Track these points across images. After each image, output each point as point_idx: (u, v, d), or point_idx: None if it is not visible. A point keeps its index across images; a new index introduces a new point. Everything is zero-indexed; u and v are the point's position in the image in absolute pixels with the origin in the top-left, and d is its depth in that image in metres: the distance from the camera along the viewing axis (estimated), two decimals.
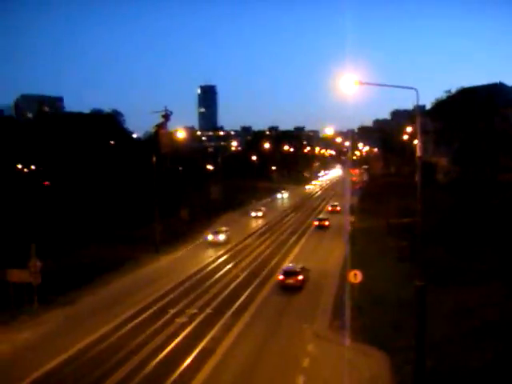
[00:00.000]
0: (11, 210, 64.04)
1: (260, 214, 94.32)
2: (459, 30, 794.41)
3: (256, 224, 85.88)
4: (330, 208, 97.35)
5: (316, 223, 78.28)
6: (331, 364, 26.53)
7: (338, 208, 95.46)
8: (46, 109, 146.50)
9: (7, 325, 33.49)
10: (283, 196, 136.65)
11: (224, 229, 68.19)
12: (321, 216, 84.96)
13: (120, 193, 76.64)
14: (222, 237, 65.56)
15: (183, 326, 32.73)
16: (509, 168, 71.53)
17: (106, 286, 43.84)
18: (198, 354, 28.08)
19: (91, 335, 31.11)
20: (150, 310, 36.65)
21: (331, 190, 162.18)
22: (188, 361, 27.08)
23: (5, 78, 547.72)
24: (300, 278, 43.07)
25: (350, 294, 35.10)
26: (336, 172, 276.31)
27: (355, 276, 33.70)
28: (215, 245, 63.75)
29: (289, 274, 43.60)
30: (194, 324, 33.30)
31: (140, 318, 34.69)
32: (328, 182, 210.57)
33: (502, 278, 36.17)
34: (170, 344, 29.54)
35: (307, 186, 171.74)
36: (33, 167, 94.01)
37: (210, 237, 65.42)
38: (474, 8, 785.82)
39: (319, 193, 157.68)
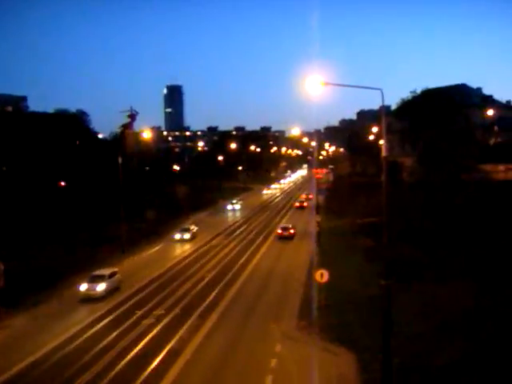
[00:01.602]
0: None
1: (187, 236, 68.12)
2: (426, 32, 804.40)
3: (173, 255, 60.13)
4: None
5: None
6: (298, 364, 26.58)
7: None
8: (9, 108, 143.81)
9: None
10: (234, 208, 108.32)
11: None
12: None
13: (85, 193, 75.72)
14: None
15: (150, 328, 32.52)
16: (470, 167, 72.65)
17: (70, 288, 43.16)
18: (166, 355, 27.94)
19: (57, 338, 30.71)
20: (117, 311, 36.38)
21: (293, 194, 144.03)
22: (156, 362, 26.91)
23: None
24: (292, 231, 67.41)
25: (317, 293, 35.22)
26: (302, 172, 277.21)
27: (322, 275, 33.78)
28: (181, 244, 64.55)
29: (284, 229, 68.12)
30: (161, 325, 33.12)
31: (106, 320, 34.40)
32: (292, 184, 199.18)
33: (468, 275, 36.72)
34: (136, 345, 29.30)
35: (265, 191, 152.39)
36: None
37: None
38: (442, 8, 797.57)
39: (279, 198, 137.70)
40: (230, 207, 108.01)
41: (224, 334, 31.28)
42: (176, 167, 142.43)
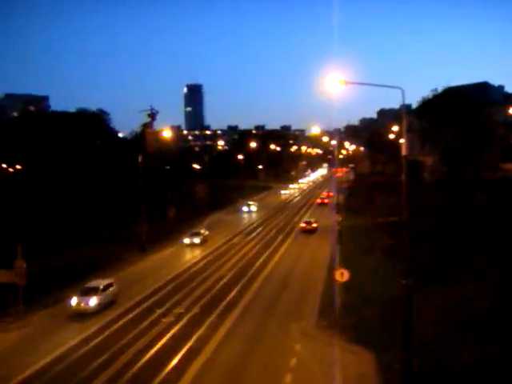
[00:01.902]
0: None
1: (197, 240, 64.60)
2: (448, 30, 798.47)
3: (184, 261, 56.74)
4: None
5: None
6: (318, 363, 26.49)
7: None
8: (32, 108, 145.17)
9: None
10: (251, 209, 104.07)
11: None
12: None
13: (106, 192, 76.23)
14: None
15: (170, 326, 32.59)
16: (492, 166, 71.99)
17: None
18: (185, 353, 27.97)
19: (77, 336, 30.92)
20: (137, 310, 36.54)
21: (312, 195, 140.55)
22: (175, 361, 26.96)
23: None
24: (314, 225, 72.99)
25: (337, 292, 35.06)
26: (322, 171, 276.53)
27: (342, 274, 33.60)
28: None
29: (307, 222, 73.81)
30: (180, 323, 33.18)
31: (125, 319, 34.54)
32: (311, 183, 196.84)
33: (489, 276, 36.31)
34: (156, 344, 29.38)
35: (283, 191, 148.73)
36: (18, 167, 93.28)
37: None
38: (463, 7, 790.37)
39: (297, 198, 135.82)
40: (245, 209, 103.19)
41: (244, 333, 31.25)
42: (196, 166, 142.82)
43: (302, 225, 74.44)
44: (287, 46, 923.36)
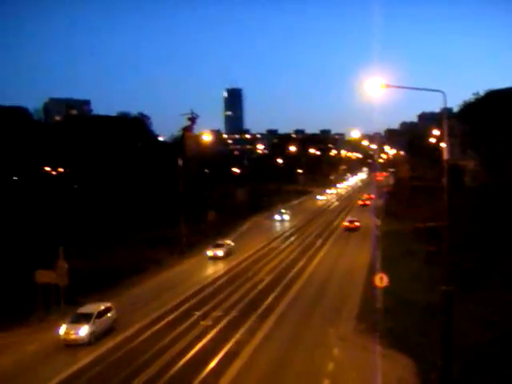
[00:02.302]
0: (40, 212, 64.79)
1: (220, 253, 58.61)
2: (490, 33, 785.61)
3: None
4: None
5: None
6: (355, 368, 26.34)
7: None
8: (74, 112, 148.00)
9: (36, 325, 33.94)
10: (283, 218, 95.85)
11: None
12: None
13: (147, 195, 77.12)
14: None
15: (208, 329, 32.79)
16: None
17: (131, 288, 44.23)
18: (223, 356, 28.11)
19: (118, 336, 31.34)
20: (175, 313, 36.87)
21: (350, 202, 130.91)
22: (213, 363, 27.12)
23: (34, 81, 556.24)
24: (357, 224, 77.75)
25: (376, 297, 34.77)
26: (362, 175, 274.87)
27: (381, 279, 33.34)
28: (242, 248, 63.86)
29: (351, 221, 79.17)
30: (218, 327, 33.34)
31: (165, 321, 34.87)
32: (349, 188, 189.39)
33: None
34: (195, 346, 29.59)
35: (319, 197, 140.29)
36: (61, 170, 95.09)
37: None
38: (504, 9, 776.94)
39: (335, 204, 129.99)
40: (278, 217, 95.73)
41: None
42: (235, 170, 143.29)
43: (346, 223, 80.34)
44: (327, 50, 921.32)
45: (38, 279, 36.39)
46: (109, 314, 33.32)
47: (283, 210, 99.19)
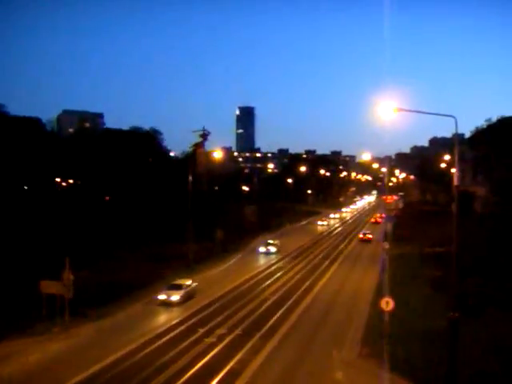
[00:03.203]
0: (49, 222, 65.00)
1: (175, 297, 43.75)
2: (503, 59, 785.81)
3: None
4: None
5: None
6: None
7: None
8: (87, 124, 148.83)
9: (40, 336, 33.87)
10: (269, 250, 76.56)
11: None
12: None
13: (156, 211, 77.23)
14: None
15: (211, 346, 32.59)
16: None
17: (136, 302, 43.98)
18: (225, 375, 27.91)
19: (120, 350, 31.22)
20: (180, 328, 36.74)
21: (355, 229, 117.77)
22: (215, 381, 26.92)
23: (48, 93, 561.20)
24: (370, 236, 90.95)
25: (382, 321, 34.52)
26: (370, 198, 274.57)
27: (387, 303, 33.16)
28: (250, 264, 63.95)
29: (364, 234, 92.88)
30: (222, 344, 33.14)
31: (168, 337, 34.73)
32: (356, 212, 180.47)
33: None
34: (197, 363, 29.41)
35: (320, 222, 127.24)
36: (71, 181, 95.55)
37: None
38: None
39: (339, 230, 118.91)
40: (262, 249, 76.72)
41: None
42: (245, 188, 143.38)
43: (360, 236, 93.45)
44: (340, 72, 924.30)
45: (43, 290, 36.35)
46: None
47: (270, 241, 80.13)
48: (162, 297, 43.66)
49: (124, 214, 74.63)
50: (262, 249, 76.84)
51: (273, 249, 76.65)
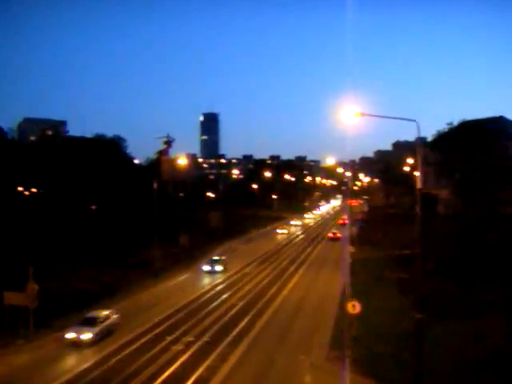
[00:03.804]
0: (10, 232, 63.84)
1: (86, 336, 34.51)
2: (463, 63, 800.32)
3: None
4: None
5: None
6: None
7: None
8: (49, 132, 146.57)
9: (4, 348, 33.24)
10: (214, 269, 64.78)
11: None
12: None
13: (120, 218, 76.55)
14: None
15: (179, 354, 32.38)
16: (509, 201, 71.30)
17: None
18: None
19: (88, 361, 30.82)
20: (147, 337, 36.40)
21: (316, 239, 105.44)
22: None
23: (8, 100, 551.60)
24: (339, 235, 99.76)
25: (348, 324, 34.72)
26: (335, 202, 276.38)
27: (353, 307, 33.38)
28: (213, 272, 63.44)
29: (334, 233, 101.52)
30: (190, 352, 32.94)
31: (136, 345, 34.40)
32: (319, 218, 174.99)
33: (503, 310, 35.92)
34: (165, 371, 29.19)
35: (279, 230, 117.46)
36: (34, 190, 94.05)
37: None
38: (480, 40, 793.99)
39: (297, 240, 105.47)
40: (207, 268, 65.04)
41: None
42: (210, 194, 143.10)
43: (330, 235, 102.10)
44: (303, 77, 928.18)
45: (6, 301, 35.71)
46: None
47: (216, 257, 69.23)
48: (70, 335, 34.58)
49: (89, 222, 73.78)
50: (205, 267, 65.43)
51: (219, 267, 65.29)
